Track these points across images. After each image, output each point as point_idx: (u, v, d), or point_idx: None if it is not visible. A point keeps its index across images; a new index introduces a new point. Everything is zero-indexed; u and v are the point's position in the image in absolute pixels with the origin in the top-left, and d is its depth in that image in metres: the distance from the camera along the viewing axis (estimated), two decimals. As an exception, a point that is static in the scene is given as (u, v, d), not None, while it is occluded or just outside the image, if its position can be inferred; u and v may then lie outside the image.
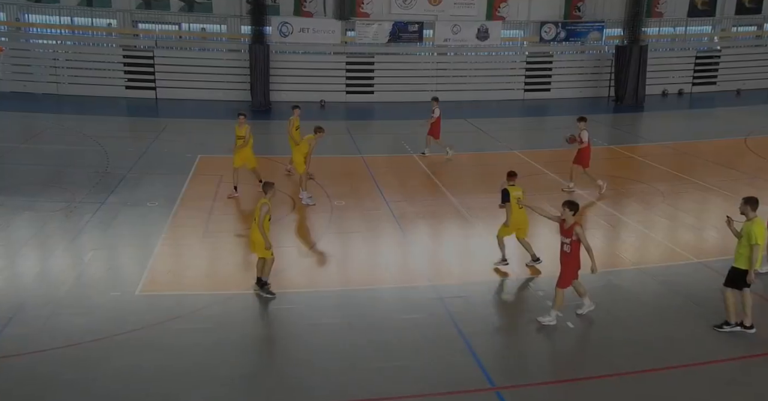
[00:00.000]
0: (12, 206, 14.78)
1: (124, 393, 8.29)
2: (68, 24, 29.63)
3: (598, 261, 11.37)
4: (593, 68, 33.39)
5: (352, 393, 8.47)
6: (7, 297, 10.51)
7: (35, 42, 30.17)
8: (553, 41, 32.80)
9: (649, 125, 28.51)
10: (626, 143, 23.63)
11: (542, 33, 32.37)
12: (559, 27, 32.43)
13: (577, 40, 33.18)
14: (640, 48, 31.19)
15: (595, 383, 8.81)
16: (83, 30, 29.96)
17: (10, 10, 28.88)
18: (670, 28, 34.49)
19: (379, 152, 21.58)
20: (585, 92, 33.24)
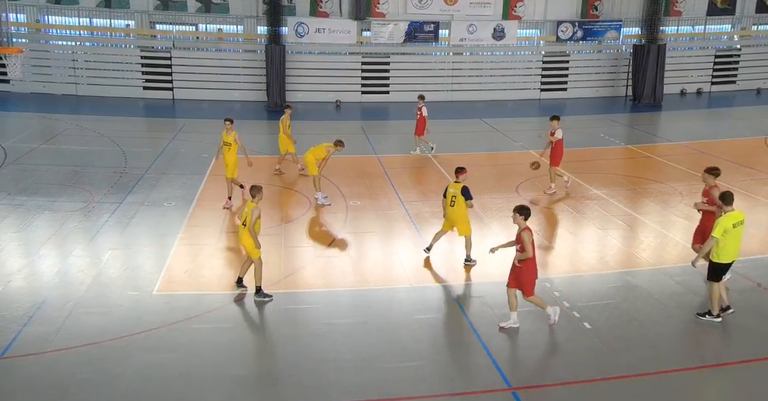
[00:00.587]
0: (32, 206, 14.94)
1: (142, 392, 8.35)
2: (87, 25, 29.92)
3: (617, 261, 11.33)
4: (610, 68, 33.16)
5: (368, 393, 8.47)
6: (27, 296, 10.62)
7: (55, 43, 30.49)
8: (570, 41, 32.62)
9: (667, 125, 28.27)
10: (644, 143, 23.44)
11: (559, 32, 32.20)
12: (576, 26, 32.23)
13: (594, 40, 32.97)
14: (659, 47, 30.93)
15: (612, 384, 8.74)
16: (102, 31, 30.23)
17: (30, 12, 29.21)
18: (689, 27, 34.17)
19: (394, 151, 21.57)
20: (602, 92, 33.03)
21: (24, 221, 13.99)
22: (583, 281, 11.91)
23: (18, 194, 15.47)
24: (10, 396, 8.12)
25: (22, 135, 22.02)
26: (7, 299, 10.45)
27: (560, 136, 16.71)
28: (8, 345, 9.12)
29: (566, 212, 15.57)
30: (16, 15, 28.03)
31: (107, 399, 8.17)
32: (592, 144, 23.10)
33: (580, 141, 24.17)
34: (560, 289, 11.37)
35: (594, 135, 24.42)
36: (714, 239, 9.76)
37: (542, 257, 12.87)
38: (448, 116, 28.25)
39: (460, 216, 12.27)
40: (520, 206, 9.85)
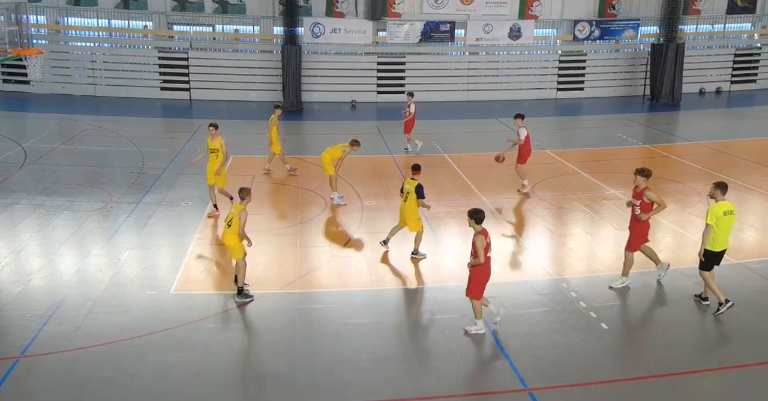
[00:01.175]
0: (51, 206, 15.11)
1: (159, 391, 8.42)
2: (105, 26, 30.20)
3: (634, 261, 11.27)
4: (628, 67, 32.90)
5: (384, 393, 8.48)
6: (47, 295, 10.75)
7: (74, 44, 30.79)
8: (587, 40, 32.42)
9: (685, 124, 28.00)
10: (662, 142, 23.24)
11: (576, 31, 32.00)
12: (593, 25, 32.03)
13: (612, 39, 32.73)
14: (677, 46, 30.65)
15: (629, 385, 8.69)
16: (120, 32, 30.50)
17: (50, 13, 29.54)
18: (708, 25, 33.82)
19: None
20: (619, 91, 32.79)
21: (44, 221, 14.15)
22: (600, 281, 11.83)
23: (38, 194, 15.65)
24: (30, 394, 8.23)
25: (41, 136, 22.27)
26: (28, 299, 10.58)
27: (524, 135, 16.59)
28: (29, 344, 9.24)
29: (583, 212, 15.48)
30: (36, 17, 28.33)
31: (125, 398, 8.24)
32: (609, 144, 22.96)
33: (597, 141, 24.07)
34: (577, 290, 11.31)
35: (611, 135, 24.26)
36: (709, 226, 10.08)
37: (558, 258, 12.85)
38: (464, 116, 28.21)
39: (411, 213, 12.49)
40: (473, 210, 9.67)
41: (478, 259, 9.47)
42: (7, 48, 16.73)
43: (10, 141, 20.78)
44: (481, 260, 9.48)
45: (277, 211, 15.38)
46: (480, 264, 9.52)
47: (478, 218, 9.55)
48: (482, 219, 9.58)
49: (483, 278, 9.70)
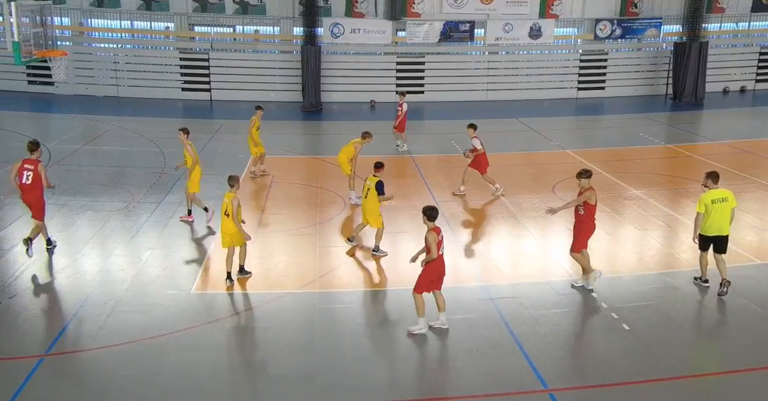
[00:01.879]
0: (75, 206, 15.31)
1: (180, 389, 8.49)
2: (128, 28, 30.52)
3: (656, 262, 11.15)
4: (650, 66, 32.58)
5: (403, 393, 8.48)
6: (71, 295, 10.90)
7: (97, 46, 31.13)
8: (608, 39, 32.15)
9: (708, 123, 27.68)
10: (685, 142, 22.97)
11: (597, 30, 31.75)
12: (615, 24, 31.75)
13: (634, 38, 32.43)
14: (700, 45, 30.29)
15: (652, 386, 8.60)
16: (142, 33, 30.80)
17: (74, 15, 29.92)
18: (732, 23, 33.38)
19: (428, 151, 21.54)
20: (641, 90, 32.49)
21: (68, 221, 14.33)
22: (621, 282, 11.74)
23: (62, 194, 15.84)
24: (55, 391, 8.34)
25: (65, 136, 22.55)
26: (52, 298, 10.74)
27: (478, 145, 16.24)
28: (53, 342, 9.37)
29: (604, 213, 15.33)
30: (61, 18, 28.70)
31: (147, 396, 8.32)
32: (631, 143, 22.76)
33: (618, 140, 23.87)
34: (598, 290, 11.23)
35: (633, 134, 24.04)
36: (698, 214, 10.97)
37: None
38: (484, 116, 28.05)
39: (371, 209, 12.71)
40: (427, 208, 9.81)
41: (431, 255, 9.56)
42: (33, 50, 16.98)
43: (34, 142, 21.06)
44: (434, 256, 9.58)
45: (297, 211, 15.43)
46: (433, 261, 9.62)
47: (431, 215, 9.71)
48: (435, 217, 9.73)
49: (433, 275, 9.77)
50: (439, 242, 9.67)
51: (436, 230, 9.69)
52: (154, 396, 8.34)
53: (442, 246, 9.75)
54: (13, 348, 9.18)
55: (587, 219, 11.09)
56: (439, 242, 9.65)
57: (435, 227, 9.71)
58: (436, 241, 9.57)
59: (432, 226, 9.71)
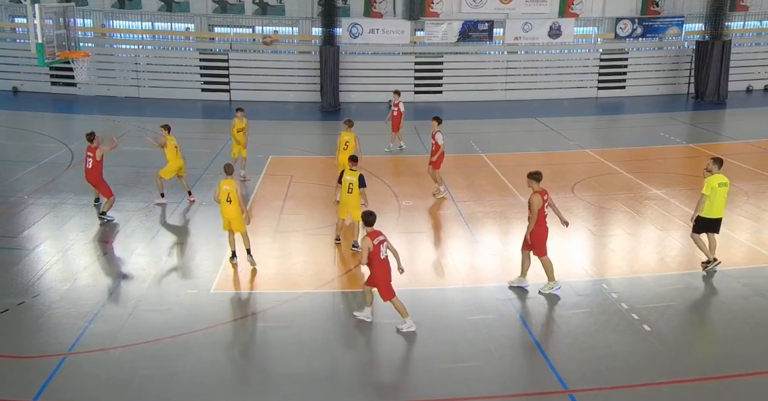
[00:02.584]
0: (97, 206, 15.48)
1: (200, 388, 8.55)
2: (149, 29, 30.78)
3: (677, 262, 11.00)
4: (671, 65, 32.25)
5: (423, 393, 8.47)
6: (93, 294, 11.00)
7: (118, 47, 31.45)
8: (629, 38, 31.86)
9: (731, 123, 27.32)
10: (707, 141, 22.70)
11: (617, 29, 31.48)
12: (636, 23, 31.47)
13: (655, 36, 32.11)
14: (723, 43, 29.93)
15: (674, 387, 8.52)
16: (163, 34, 31.05)
17: (96, 17, 30.25)
18: (756, 22, 32.94)
19: (446, 151, 21.38)
20: (662, 89, 32.17)
21: (89, 221, 14.49)
22: (642, 282, 11.63)
23: (84, 194, 16.01)
24: (77, 390, 8.43)
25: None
26: (75, 297, 10.85)
27: (440, 140, 16.06)
28: (75, 341, 9.47)
29: (624, 213, 15.22)
30: (83, 20, 29.02)
31: (167, 395, 8.39)
32: (651, 143, 22.55)
33: (639, 140, 23.66)
34: (618, 291, 11.14)
35: (654, 134, 23.82)
36: (704, 196, 11.47)
37: (599, 259, 12.66)
38: (502, 116, 28.02)
39: (356, 203, 12.90)
40: (364, 213, 9.81)
41: (362, 261, 9.57)
42: (56, 51, 17.18)
43: (57, 142, 21.34)
44: (362, 262, 9.58)
45: (315, 211, 15.46)
46: (371, 266, 9.60)
47: (367, 220, 9.67)
48: (371, 222, 9.74)
49: (385, 280, 9.74)
50: (376, 247, 9.56)
51: (372, 235, 9.61)
52: (174, 394, 8.40)
53: (380, 251, 9.62)
54: (37, 347, 9.30)
55: (530, 221, 11.06)
56: (375, 247, 9.55)
57: (372, 232, 9.64)
58: (370, 247, 9.49)
59: (369, 231, 9.65)
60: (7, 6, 29.82)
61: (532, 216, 10.87)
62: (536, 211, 10.78)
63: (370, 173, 17.94)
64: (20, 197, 15.66)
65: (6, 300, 10.50)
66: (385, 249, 9.73)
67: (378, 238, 9.66)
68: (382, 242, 9.70)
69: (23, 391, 8.30)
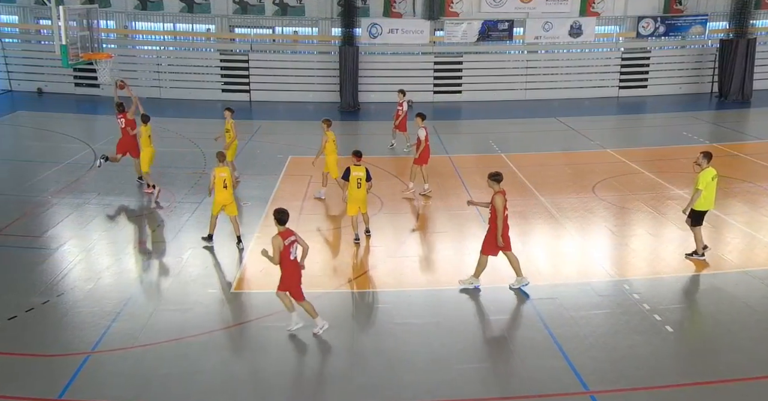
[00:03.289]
0: (118, 206, 15.65)
1: (220, 387, 8.60)
2: (171, 30, 31.05)
3: (700, 263, 10.90)
4: (695, 63, 31.87)
5: (442, 394, 8.45)
6: (115, 293, 11.11)
7: (140, 48, 31.75)
8: (651, 36, 31.53)
9: (756, 122, 26.94)
10: (731, 141, 22.40)
11: (639, 28, 31.18)
12: (658, 21, 31.13)
13: (678, 35, 31.73)
14: (748, 41, 29.52)
15: (697, 389, 8.43)
16: (184, 35, 31.31)
17: (119, 18, 30.58)
18: (782, 19, 32.46)
19: (466, 151, 21.43)
20: (685, 89, 31.81)
21: (112, 221, 14.65)
22: (664, 283, 11.52)
23: (106, 194, 16.21)
24: (100, 388, 8.52)
25: (110, 137, 22.91)
26: (98, 296, 10.97)
27: (422, 136, 16.23)
28: (98, 340, 9.57)
29: (646, 213, 15.07)
30: (106, 22, 29.33)
31: (187, 394, 8.46)
32: (674, 142, 22.31)
33: (661, 139, 23.43)
34: (640, 291, 11.03)
35: (676, 133, 23.56)
36: (699, 191, 11.80)
37: (620, 259, 12.55)
38: (522, 115, 27.86)
39: (365, 197, 13.20)
40: (275, 210, 9.58)
41: (272, 260, 9.38)
42: (79, 53, 17.41)
43: (81, 143, 21.60)
44: (274, 261, 9.38)
45: (333, 211, 15.50)
46: (282, 265, 9.43)
47: (279, 218, 9.49)
48: (284, 220, 9.49)
49: (294, 281, 9.57)
50: (287, 248, 9.36)
51: (284, 234, 9.40)
52: (195, 393, 8.46)
53: (290, 252, 9.43)
54: (62, 345, 9.41)
55: (490, 222, 11.05)
56: (286, 248, 9.35)
57: (283, 232, 9.44)
58: (280, 246, 9.28)
59: (280, 230, 9.46)
60: (32, 8, 30.24)
61: (498, 216, 10.87)
62: (501, 210, 10.83)
63: (389, 173, 17.99)
64: (44, 197, 15.87)
65: (31, 299, 10.65)
66: (295, 250, 9.50)
67: (289, 238, 9.42)
68: (294, 243, 9.48)
69: (48, 389, 8.41)
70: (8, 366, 8.90)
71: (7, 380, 8.58)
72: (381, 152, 20.46)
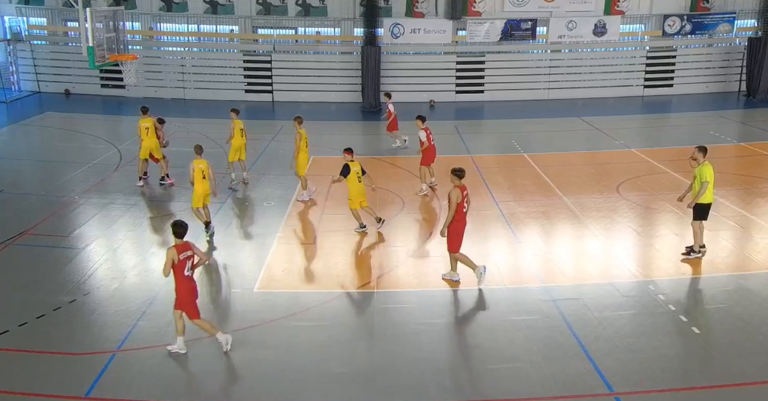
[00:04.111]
0: (144, 205, 15.83)
1: (244, 386, 8.68)
2: (195, 31, 31.32)
3: (728, 264, 10.73)
4: (722, 62, 31.41)
5: (464, 394, 8.43)
6: (141, 292, 11.25)
7: (165, 49, 32.07)
8: (677, 35, 31.12)
9: (785, 121, 26.48)
10: (759, 140, 22.02)
11: (665, 26, 30.80)
12: (685, 20, 30.72)
13: (705, 33, 31.29)
14: (777, 39, 29.06)
15: (725, 392, 8.32)
16: (208, 36, 31.57)
17: (144, 20, 30.91)
18: (812, 16, 31.84)
19: (488, 151, 21.32)
20: (712, 87, 31.37)
21: (137, 221, 14.82)
22: (690, 284, 11.40)
23: (132, 194, 16.39)
24: (126, 386, 8.63)
25: (135, 138, 23.28)
26: (123, 295, 11.10)
27: (423, 137, 16.40)
28: (124, 339, 9.69)
29: (671, 213, 14.88)
30: (132, 23, 29.67)
31: (211, 392, 8.54)
32: (701, 142, 21.67)
33: (687, 139, 23.05)
34: (665, 292, 10.91)
35: (703, 132, 23.21)
36: (706, 183, 11.90)
37: (645, 259, 12.41)
38: (545, 115, 27.67)
39: (365, 189, 13.65)
40: (174, 223, 9.21)
41: (163, 273, 9.05)
42: (105, 54, 17.63)
43: (107, 143, 21.88)
44: (165, 274, 9.02)
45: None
46: (176, 281, 9.04)
47: (176, 231, 9.09)
48: (181, 234, 9.10)
49: (189, 298, 9.14)
50: (181, 262, 8.93)
51: (179, 247, 8.98)
52: (220, 392, 8.53)
53: (185, 267, 8.99)
54: (88, 344, 9.54)
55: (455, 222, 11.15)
56: (180, 262, 8.92)
57: (179, 245, 9.02)
58: (173, 258, 8.87)
59: (177, 243, 9.06)
60: (60, 10, 30.70)
61: (450, 209, 11.06)
62: (455, 203, 11.01)
63: (411, 173, 17.96)
64: (71, 197, 16.10)
65: (58, 298, 10.82)
66: (190, 266, 9.07)
67: (185, 252, 8.99)
68: (189, 258, 9.05)
69: (76, 387, 8.53)
70: (37, 364, 9.05)
71: (35, 378, 8.72)
72: (403, 152, 20.44)
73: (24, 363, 9.04)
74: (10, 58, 30.86)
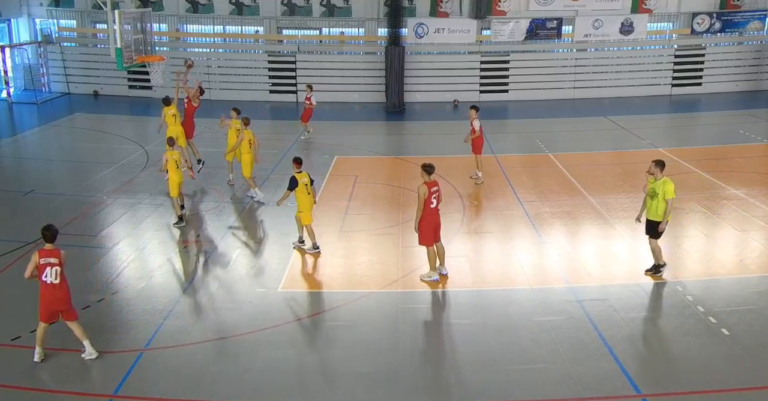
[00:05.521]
0: (170, 205, 15.96)
1: (270, 385, 8.72)
2: (221, 32, 31.60)
3: (758, 264, 10.55)
4: (752, 60, 30.86)
5: (489, 394, 8.40)
6: (167, 291, 11.37)
7: (191, 50, 32.36)
8: (706, 33, 30.65)
9: (817, 119, 25.95)
10: (790, 139, 21.64)
11: (694, 25, 30.35)
12: (714, 18, 30.25)
13: (735, 31, 30.79)
14: (809, 36, 28.49)
15: (755, 394, 8.18)
16: (233, 37, 31.81)
17: (171, 21, 31.25)
18: None
19: (512, 151, 21.19)
20: (742, 86, 30.84)
21: (163, 220, 14.97)
22: (720, 285, 11.21)
23: (158, 194, 16.57)
24: (154, 384, 8.74)
25: (162, 138, 23.53)
26: (150, 294, 11.24)
27: (477, 126, 17.32)
28: (151, 337, 9.81)
29: (699, 213, 14.67)
30: (159, 25, 29.99)
31: (238, 391, 8.59)
32: (730, 141, 21.65)
33: (716, 138, 22.77)
34: (693, 293, 10.76)
35: (732, 131, 22.86)
36: (672, 200, 11.10)
37: (672, 260, 12.22)
38: (571, 114, 27.44)
39: (311, 203, 12.91)
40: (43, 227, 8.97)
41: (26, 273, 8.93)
42: (133, 55, 17.85)
43: (134, 144, 22.16)
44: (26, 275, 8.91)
45: (380, 211, 15.53)
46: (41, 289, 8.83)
47: (44, 235, 8.92)
48: (48, 237, 8.89)
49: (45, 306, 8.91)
50: (41, 267, 8.73)
51: (42, 252, 8.78)
52: (246, 391, 8.59)
53: (45, 273, 8.74)
54: (116, 343, 9.67)
55: (417, 212, 11.39)
56: (40, 267, 8.74)
57: (42, 250, 8.84)
58: (35, 263, 8.76)
59: (45, 247, 8.87)
60: (89, 12, 31.16)
61: (419, 204, 11.23)
62: (422, 200, 11.18)
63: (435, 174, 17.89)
64: (100, 197, 16.33)
65: (87, 297, 10.97)
66: (51, 273, 8.80)
67: (46, 258, 8.78)
68: (49, 266, 8.78)
69: (104, 386, 8.67)
70: (66, 362, 9.19)
71: (64, 376, 8.87)
72: (426, 152, 20.39)
73: (54, 362, 9.18)
74: (41, 60, 31.37)
